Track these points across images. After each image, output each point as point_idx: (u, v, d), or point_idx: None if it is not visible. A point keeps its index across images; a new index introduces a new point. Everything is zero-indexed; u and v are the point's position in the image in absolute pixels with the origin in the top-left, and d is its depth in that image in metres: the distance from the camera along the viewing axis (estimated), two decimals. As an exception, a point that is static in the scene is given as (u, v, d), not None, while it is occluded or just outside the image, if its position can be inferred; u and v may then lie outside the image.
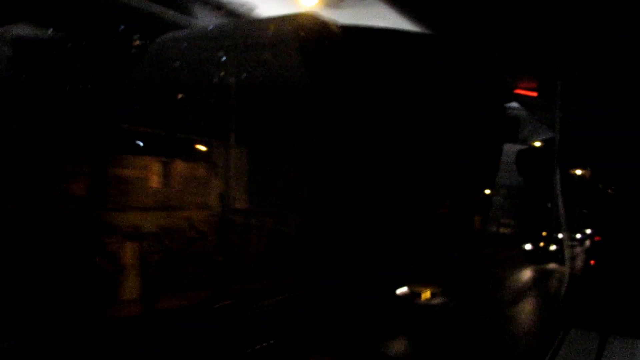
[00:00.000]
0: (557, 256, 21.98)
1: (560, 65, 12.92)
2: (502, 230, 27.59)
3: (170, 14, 14.45)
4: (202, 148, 11.98)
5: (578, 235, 25.85)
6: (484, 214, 28.41)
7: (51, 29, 10.28)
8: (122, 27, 11.46)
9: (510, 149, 19.18)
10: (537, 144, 20.26)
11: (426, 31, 14.58)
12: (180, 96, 8.28)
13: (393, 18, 14.77)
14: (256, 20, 14.59)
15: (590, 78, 13.51)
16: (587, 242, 24.97)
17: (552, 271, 19.14)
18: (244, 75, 7.11)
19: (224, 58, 7.22)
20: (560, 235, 22.66)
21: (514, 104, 19.42)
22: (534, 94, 17.11)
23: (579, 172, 21.05)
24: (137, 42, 9.07)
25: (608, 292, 12.25)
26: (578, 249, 23.17)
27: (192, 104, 8.45)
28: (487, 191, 26.44)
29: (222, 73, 7.15)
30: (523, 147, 19.46)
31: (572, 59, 13.35)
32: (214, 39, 7.42)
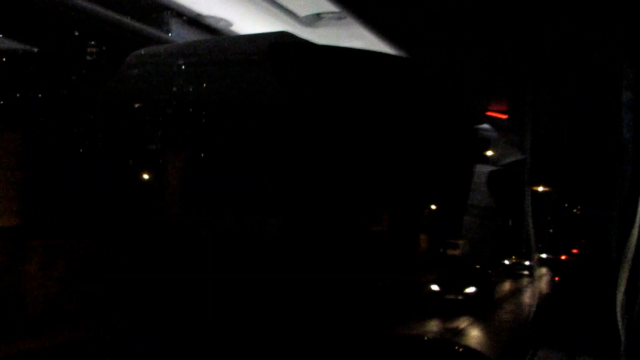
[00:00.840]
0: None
1: (530, 87, 13.29)
2: (450, 251, 26.35)
3: (146, 29, 14.37)
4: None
5: (543, 255, 25.00)
6: (433, 233, 26.72)
7: (24, 43, 10.12)
8: (94, 41, 11.34)
9: (482, 170, 19.54)
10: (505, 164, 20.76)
11: (401, 52, 14.85)
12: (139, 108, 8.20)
13: (369, 38, 15.01)
14: (232, 37, 14.61)
15: (561, 98, 13.93)
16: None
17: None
18: (215, 90, 7.08)
19: (195, 73, 7.18)
20: (527, 262, 22.97)
21: (485, 125, 19.86)
22: (505, 116, 17.54)
23: (541, 189, 21.18)
24: (108, 57, 8.97)
25: (575, 311, 12.46)
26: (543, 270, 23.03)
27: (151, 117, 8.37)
28: (433, 207, 25.04)
29: (191, 88, 7.10)
30: (494, 168, 19.85)
31: (543, 81, 13.74)
32: (188, 55, 7.37)
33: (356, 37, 15.85)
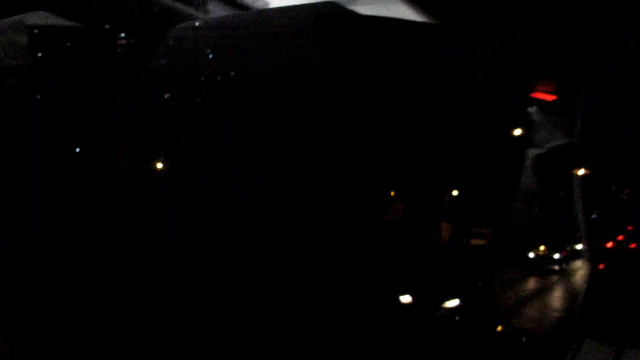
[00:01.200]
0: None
1: (581, 68, 12.65)
2: (474, 241, 24.14)
3: (184, 8, 14.38)
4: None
5: (578, 246, 22.72)
6: (456, 221, 24.68)
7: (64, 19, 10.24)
8: (135, 20, 11.39)
9: (527, 153, 18.86)
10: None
11: (447, 28, 14.36)
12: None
13: (407, 11, 14.58)
14: (273, 9, 14.42)
15: (613, 80, 13.26)
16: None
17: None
18: (259, 65, 6.95)
19: (236, 46, 7.05)
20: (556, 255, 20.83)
21: (531, 108, 19.13)
22: (552, 97, 16.82)
23: (582, 172, 19.81)
24: (148, 36, 8.96)
25: (622, 301, 11.97)
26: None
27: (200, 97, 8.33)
28: (455, 192, 23.13)
29: (232, 61, 6.99)
30: (541, 151, 19.12)
31: (594, 62, 13.08)
32: (230, 28, 7.25)
33: (395, 11, 15.45)
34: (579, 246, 20.79)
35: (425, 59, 7.84)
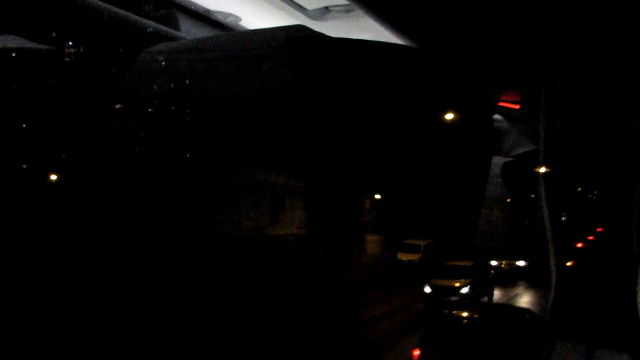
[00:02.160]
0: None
1: (543, 77, 13.17)
2: (405, 256, 20.39)
3: (155, 25, 14.35)
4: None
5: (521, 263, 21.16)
6: (388, 232, 20.75)
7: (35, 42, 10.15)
8: (105, 38, 11.34)
9: (494, 161, 19.36)
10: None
11: (410, 44, 14.71)
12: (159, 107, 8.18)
13: (378, 30, 14.88)
14: (245, 32, 14.52)
15: (573, 86, 13.82)
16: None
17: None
18: (230, 85, 7.04)
19: (209, 69, 7.14)
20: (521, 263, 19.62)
21: (497, 116, 19.66)
22: (517, 106, 17.37)
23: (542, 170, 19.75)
24: (121, 54, 8.97)
25: (593, 301, 12.34)
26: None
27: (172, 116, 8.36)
28: (377, 196, 20.55)
29: (211, 85, 7.07)
30: (507, 159, 19.64)
31: (555, 70, 13.61)
32: (201, 51, 7.33)
33: (365, 29, 15.70)
34: (521, 262, 18.70)
35: (395, 78, 8.06)
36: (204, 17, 16.54)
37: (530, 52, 13.92)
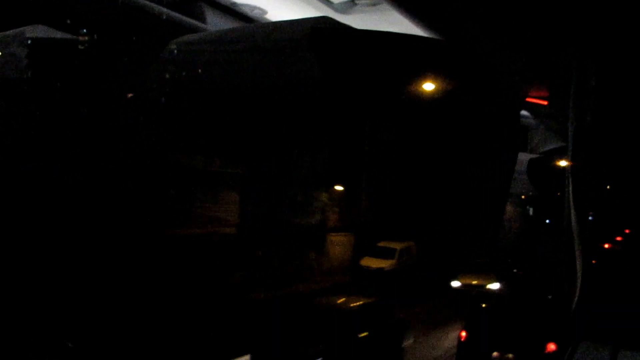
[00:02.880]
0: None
1: (574, 72, 12.89)
2: (372, 263, 15.93)
3: (182, 18, 14.54)
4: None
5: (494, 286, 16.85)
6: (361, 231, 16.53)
7: (65, 32, 10.36)
8: (132, 30, 11.52)
9: (521, 158, 19.04)
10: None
11: (438, 37, 14.56)
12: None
13: (404, 24, 14.78)
14: (270, 24, 14.57)
15: (604, 85, 13.50)
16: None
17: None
18: (259, 79, 7.10)
19: (235, 60, 7.21)
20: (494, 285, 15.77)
21: (525, 112, 19.34)
22: (545, 102, 17.05)
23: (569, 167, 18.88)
24: (147, 47, 9.08)
25: (619, 301, 12.12)
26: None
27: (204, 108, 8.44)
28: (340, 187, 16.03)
29: (231, 75, 7.14)
30: (534, 155, 19.30)
31: (586, 65, 13.32)
32: (227, 42, 7.41)
33: (391, 22, 15.62)
34: (494, 285, 14.21)
35: (421, 71, 8.01)
36: (230, 10, 16.69)
37: (561, 46, 13.65)
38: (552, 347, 10.08)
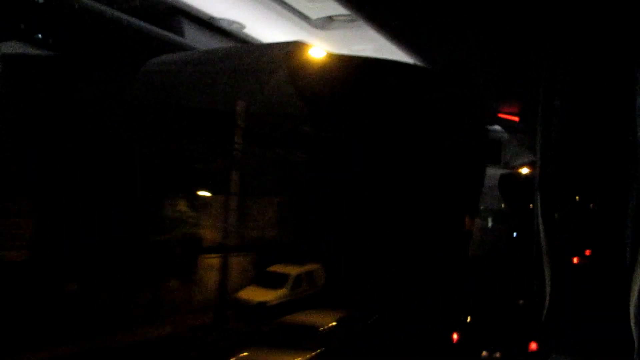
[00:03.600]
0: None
1: (541, 90, 13.33)
2: (253, 295, 12.14)
3: (161, 32, 14.59)
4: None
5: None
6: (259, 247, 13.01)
7: (42, 47, 10.34)
8: (110, 44, 11.50)
9: (492, 172, 19.45)
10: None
11: (412, 54, 14.90)
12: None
13: (380, 41, 15.08)
14: (246, 46, 14.70)
15: (571, 101, 13.97)
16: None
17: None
18: (230, 98, 7.22)
19: (215, 82, 7.33)
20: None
21: (497, 127, 19.79)
22: (516, 118, 17.51)
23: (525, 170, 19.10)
24: (125, 60, 9.09)
25: (587, 315, 12.40)
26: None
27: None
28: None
29: (207, 95, 7.25)
30: (505, 170, 19.75)
31: (553, 84, 13.77)
32: (204, 63, 7.53)
33: (368, 39, 15.92)
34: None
35: (394, 92, 8.24)
36: (208, 24, 16.79)
37: (530, 63, 14.09)
38: (533, 346, 10.75)
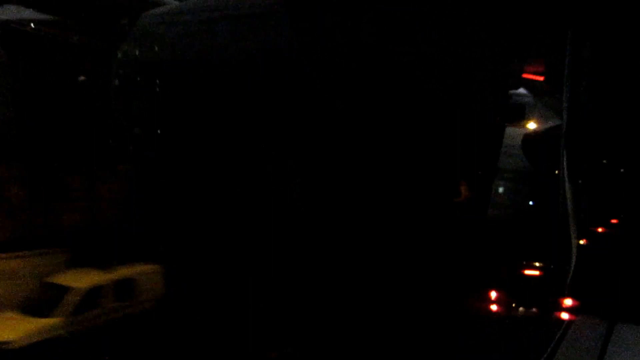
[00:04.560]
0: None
1: (568, 41, 12.57)
2: None
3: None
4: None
5: None
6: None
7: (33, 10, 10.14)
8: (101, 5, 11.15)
9: (515, 133, 18.82)
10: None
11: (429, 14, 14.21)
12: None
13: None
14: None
15: (600, 59, 13.18)
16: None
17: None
18: (232, 47, 6.87)
19: (211, 31, 6.98)
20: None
21: (522, 90, 19.05)
22: (541, 78, 16.73)
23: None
24: (122, 21, 8.80)
25: (615, 277, 11.95)
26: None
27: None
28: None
29: (206, 45, 6.91)
30: (529, 131, 19.04)
31: (581, 40, 13.00)
32: (199, 12, 7.17)
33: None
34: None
35: (400, 39, 7.73)
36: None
37: (556, 19, 13.32)
38: (569, 302, 11.28)
